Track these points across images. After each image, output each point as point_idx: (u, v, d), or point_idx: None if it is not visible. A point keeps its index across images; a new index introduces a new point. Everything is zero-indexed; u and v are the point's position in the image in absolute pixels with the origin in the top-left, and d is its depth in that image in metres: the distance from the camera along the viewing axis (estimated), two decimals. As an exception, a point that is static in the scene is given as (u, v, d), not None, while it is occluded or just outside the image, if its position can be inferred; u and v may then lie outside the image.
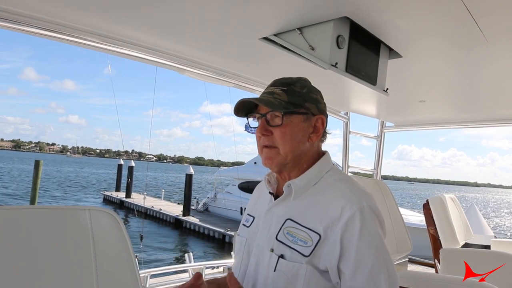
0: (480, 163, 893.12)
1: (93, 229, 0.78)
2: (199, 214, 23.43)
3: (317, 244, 1.08)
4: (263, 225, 1.24)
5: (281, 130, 1.18)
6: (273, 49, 1.97)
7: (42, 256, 0.73)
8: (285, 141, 1.18)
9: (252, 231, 1.28)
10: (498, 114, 3.36)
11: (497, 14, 1.54)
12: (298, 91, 1.20)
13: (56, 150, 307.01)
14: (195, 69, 2.33)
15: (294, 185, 1.18)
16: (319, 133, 1.24)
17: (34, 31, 1.68)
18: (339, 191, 1.15)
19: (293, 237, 1.13)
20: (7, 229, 0.73)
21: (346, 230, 1.07)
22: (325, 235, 1.08)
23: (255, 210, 1.34)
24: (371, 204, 1.12)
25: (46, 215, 0.77)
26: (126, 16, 1.75)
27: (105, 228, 0.81)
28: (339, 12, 1.64)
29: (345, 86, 2.69)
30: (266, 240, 1.19)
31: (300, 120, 1.19)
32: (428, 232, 3.30)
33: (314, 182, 1.20)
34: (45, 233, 0.75)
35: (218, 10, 1.65)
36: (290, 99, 1.18)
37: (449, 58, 2.10)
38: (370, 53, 1.95)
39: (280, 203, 1.22)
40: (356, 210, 1.08)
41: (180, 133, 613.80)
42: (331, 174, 1.23)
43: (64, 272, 0.73)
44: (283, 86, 1.21)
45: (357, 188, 1.17)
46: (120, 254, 0.80)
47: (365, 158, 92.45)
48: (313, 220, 1.12)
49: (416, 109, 3.41)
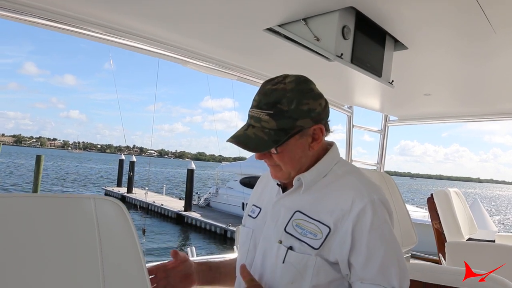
0: (483, 159, 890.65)
1: (98, 218, 0.76)
2: (201, 210, 23.47)
3: (327, 237, 1.07)
4: (270, 217, 1.22)
5: (278, 156, 1.15)
6: (277, 40, 1.94)
7: (45, 245, 0.71)
8: (285, 163, 1.16)
9: (258, 222, 1.27)
10: (504, 108, 3.33)
11: (506, 3, 1.52)
12: (286, 110, 1.10)
13: (57, 145, 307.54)
14: (198, 61, 2.30)
15: (304, 178, 1.16)
16: (320, 139, 1.17)
17: (35, 21, 1.66)
18: (349, 183, 1.14)
19: (302, 229, 1.11)
20: (8, 217, 0.71)
21: (358, 222, 1.06)
22: (335, 227, 1.07)
23: (262, 201, 1.33)
24: (381, 196, 1.11)
25: (50, 203, 0.76)
26: (129, 6, 1.73)
27: (111, 217, 0.79)
28: (345, 2, 1.61)
29: (349, 78, 2.67)
30: (274, 232, 1.17)
31: (296, 140, 1.14)
32: (432, 226, 3.28)
33: (324, 174, 1.18)
34: (48, 222, 0.73)
35: (222, 0, 1.63)
36: (280, 124, 1.09)
37: (455, 49, 2.07)
38: (375, 44, 1.92)
39: (289, 195, 1.21)
40: (367, 202, 1.07)
41: (182, 128, 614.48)
42: (340, 166, 1.21)
43: (68, 261, 0.71)
44: (269, 109, 1.10)
45: (366, 180, 1.16)
46: (126, 244, 0.78)
47: (367, 154, 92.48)
48: (323, 213, 1.11)
49: (421, 103, 3.38)
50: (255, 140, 1.10)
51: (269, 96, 1.12)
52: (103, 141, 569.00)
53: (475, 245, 2.67)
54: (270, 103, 1.10)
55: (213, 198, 24.84)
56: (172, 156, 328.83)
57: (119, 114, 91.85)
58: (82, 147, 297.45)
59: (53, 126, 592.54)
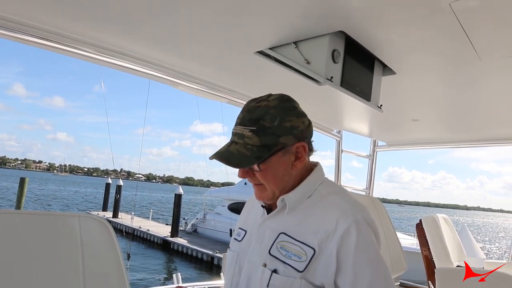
0: (470, 186, 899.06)
1: (82, 235, 0.74)
2: (188, 235, 23.05)
3: (311, 259, 1.05)
4: (255, 239, 1.19)
5: (261, 174, 1.14)
6: (268, 63, 1.97)
7: (28, 262, 0.69)
8: (268, 181, 1.14)
9: (244, 245, 1.24)
10: (490, 134, 3.39)
11: (490, 31, 1.56)
12: (269, 126, 1.09)
13: (43, 167, 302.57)
14: (189, 82, 2.31)
15: (288, 199, 1.15)
16: (303, 158, 1.16)
17: (27, 39, 1.66)
18: (333, 203, 1.12)
19: (287, 251, 1.09)
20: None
21: (342, 244, 1.03)
22: (319, 249, 1.05)
23: (247, 224, 1.30)
24: (366, 216, 1.09)
25: (35, 220, 0.74)
26: (120, 27, 1.74)
27: (95, 235, 0.77)
28: (335, 26, 1.65)
29: (339, 102, 2.70)
30: (259, 255, 1.15)
31: (279, 157, 1.12)
32: (422, 253, 3.26)
33: (308, 195, 1.17)
34: (32, 239, 0.71)
35: (214, 23, 1.65)
36: (262, 140, 1.09)
37: (442, 75, 2.12)
38: (364, 68, 1.96)
39: (274, 217, 1.19)
40: (351, 222, 1.05)
41: (170, 153, 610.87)
42: (325, 186, 1.20)
43: (49, 278, 0.68)
44: (252, 125, 1.10)
45: (351, 200, 1.14)
46: (109, 263, 0.75)
47: (356, 180, 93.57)
48: (307, 234, 1.09)
49: (409, 128, 3.43)
50: (238, 156, 1.09)
51: (252, 113, 1.12)
52: (90, 164, 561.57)
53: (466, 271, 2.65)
54: (253, 119, 1.11)
55: (201, 224, 24.47)
56: (160, 181, 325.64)
57: (107, 136, 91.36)
58: (68, 170, 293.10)
59: (40, 148, 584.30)
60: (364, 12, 1.49)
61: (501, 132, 3.29)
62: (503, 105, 2.55)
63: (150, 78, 2.23)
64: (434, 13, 1.45)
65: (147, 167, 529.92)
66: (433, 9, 1.42)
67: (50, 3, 1.52)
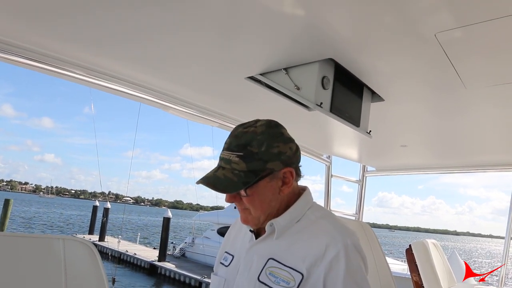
0: (459, 211, 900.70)
1: (66, 258, 0.72)
2: (176, 260, 22.59)
3: (300, 284, 1.04)
4: (244, 265, 1.18)
5: (248, 199, 1.13)
6: (258, 88, 1.99)
7: (10, 284, 0.66)
8: (255, 206, 1.14)
9: (231, 271, 1.22)
10: (476, 160, 3.45)
11: (475, 61, 1.61)
12: (256, 152, 1.10)
13: (29, 189, 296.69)
14: (180, 106, 2.32)
15: (277, 224, 1.14)
16: (290, 183, 1.16)
17: (17, 60, 1.66)
18: (322, 228, 1.12)
19: (276, 277, 1.08)
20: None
21: (331, 269, 1.03)
22: (308, 274, 1.04)
23: (234, 248, 1.28)
24: (355, 241, 1.10)
25: (18, 242, 0.72)
26: (112, 50, 1.75)
27: (79, 258, 0.75)
28: (324, 53, 1.68)
29: (328, 128, 2.73)
30: (247, 281, 1.13)
31: (266, 182, 1.12)
32: (412, 278, 3.24)
33: (297, 219, 1.16)
34: (15, 261, 0.69)
35: (205, 48, 1.68)
36: (249, 166, 1.09)
37: (429, 102, 2.16)
38: (353, 95, 1.99)
39: (262, 242, 1.18)
40: (340, 248, 1.05)
41: (159, 175, 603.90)
42: (313, 211, 1.19)
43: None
44: (239, 151, 1.10)
45: (340, 225, 1.14)
46: (93, 286, 0.73)
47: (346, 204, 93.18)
48: (296, 259, 1.08)
49: (397, 154, 3.46)
50: (225, 182, 1.09)
51: (239, 138, 1.12)
52: (78, 186, 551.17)
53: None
54: (241, 145, 1.11)
55: (189, 248, 24.05)
56: (149, 204, 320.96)
57: (95, 159, 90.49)
58: (55, 192, 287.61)
59: (26, 170, 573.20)
60: (352, 40, 1.53)
61: (487, 159, 3.34)
62: (489, 132, 2.61)
63: (140, 101, 2.24)
64: (420, 43, 1.49)
65: (135, 189, 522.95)
66: (418, 39, 1.47)
67: (41, 25, 1.53)
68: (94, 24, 1.50)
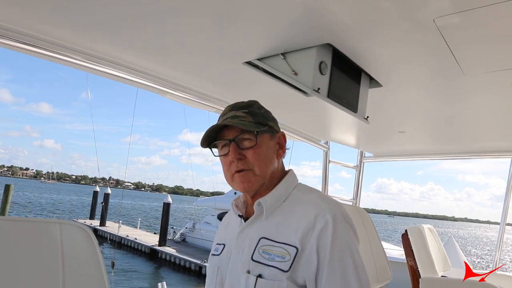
0: (457, 198, 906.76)
1: (63, 242, 0.73)
2: (176, 245, 22.83)
3: (295, 257, 1.05)
4: (236, 249, 1.19)
5: (255, 150, 1.16)
6: (256, 74, 1.98)
7: (6, 268, 0.68)
8: (260, 161, 1.17)
9: (223, 258, 1.23)
10: (475, 147, 3.45)
11: (473, 47, 1.60)
12: (257, 112, 1.21)
13: (30, 175, 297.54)
14: (177, 91, 2.31)
15: (264, 202, 1.16)
16: (284, 148, 1.26)
17: (15, 45, 1.65)
18: (310, 202, 1.15)
19: (269, 254, 1.09)
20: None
21: (320, 238, 1.05)
22: (302, 246, 1.06)
23: (225, 238, 1.30)
24: (343, 212, 1.12)
25: (15, 226, 0.73)
26: (109, 35, 1.74)
27: (76, 242, 0.76)
28: (322, 38, 1.67)
29: (326, 114, 2.73)
30: (241, 263, 1.14)
31: (268, 139, 1.21)
32: (407, 263, 3.28)
33: (283, 198, 1.19)
34: (12, 245, 0.70)
35: (203, 33, 1.67)
36: (255, 119, 1.18)
37: (427, 88, 2.16)
38: (351, 80, 1.98)
39: (252, 224, 1.19)
40: (329, 218, 1.07)
41: (159, 161, 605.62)
42: (299, 189, 1.23)
43: (29, 286, 0.68)
44: (244, 109, 1.20)
45: (327, 197, 1.18)
46: (90, 270, 0.75)
47: (345, 190, 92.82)
48: (288, 234, 1.10)
49: (395, 140, 3.47)
50: (240, 123, 1.16)
51: (240, 104, 1.23)
52: (78, 171, 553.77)
53: (451, 281, 2.68)
54: (244, 106, 1.22)
55: (190, 233, 24.28)
56: (149, 189, 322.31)
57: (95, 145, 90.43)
58: (56, 177, 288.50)
59: (26, 155, 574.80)
60: (350, 25, 1.52)
61: (486, 145, 3.35)
62: (487, 119, 2.61)
63: (138, 86, 2.23)
64: (419, 28, 1.48)
65: (136, 175, 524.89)
66: (417, 24, 1.46)
67: (39, 9, 1.52)
68: (91, 9, 1.49)
